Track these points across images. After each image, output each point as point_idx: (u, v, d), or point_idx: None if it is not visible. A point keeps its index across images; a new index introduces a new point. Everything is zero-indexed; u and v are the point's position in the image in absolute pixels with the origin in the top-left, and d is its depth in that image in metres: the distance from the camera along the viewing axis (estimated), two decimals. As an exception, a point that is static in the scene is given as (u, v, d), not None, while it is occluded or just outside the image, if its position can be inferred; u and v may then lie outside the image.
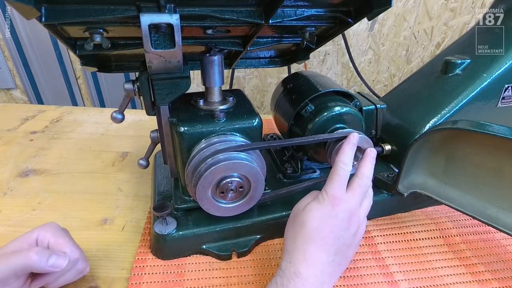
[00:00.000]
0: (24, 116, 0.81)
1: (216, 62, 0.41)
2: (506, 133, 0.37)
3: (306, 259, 0.33)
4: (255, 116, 0.41)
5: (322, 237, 0.34)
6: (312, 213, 0.35)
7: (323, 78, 0.51)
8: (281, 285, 0.31)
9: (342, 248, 0.35)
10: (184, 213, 0.45)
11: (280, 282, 0.32)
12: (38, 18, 0.29)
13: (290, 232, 0.36)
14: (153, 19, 0.31)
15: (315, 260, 0.33)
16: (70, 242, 0.36)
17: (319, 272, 0.33)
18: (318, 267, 0.33)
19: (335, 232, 0.34)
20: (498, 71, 0.48)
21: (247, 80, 1.19)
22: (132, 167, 0.63)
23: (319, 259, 0.33)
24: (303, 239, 0.34)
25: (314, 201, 0.36)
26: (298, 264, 0.33)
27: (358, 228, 0.37)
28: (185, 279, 0.41)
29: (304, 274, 0.32)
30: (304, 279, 0.32)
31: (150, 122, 0.80)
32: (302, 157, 0.51)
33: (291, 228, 0.36)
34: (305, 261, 0.33)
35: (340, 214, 0.35)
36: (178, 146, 0.40)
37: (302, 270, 0.32)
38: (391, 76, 1.24)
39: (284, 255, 0.35)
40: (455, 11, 1.11)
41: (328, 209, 0.35)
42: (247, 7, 0.35)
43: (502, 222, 0.41)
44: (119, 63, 0.47)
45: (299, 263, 0.33)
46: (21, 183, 0.57)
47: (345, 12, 0.40)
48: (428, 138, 0.44)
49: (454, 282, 0.42)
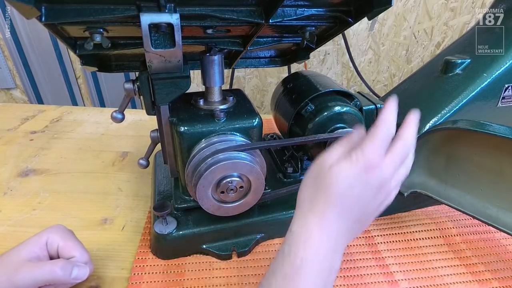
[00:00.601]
0: (24, 116, 0.81)
1: (216, 62, 0.41)
2: (506, 133, 0.37)
3: (322, 225, 0.29)
4: (255, 115, 0.41)
5: (346, 204, 0.29)
6: (341, 175, 0.29)
7: (323, 77, 0.51)
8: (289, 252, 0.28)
9: (363, 218, 0.31)
10: (184, 213, 0.45)
11: (288, 250, 0.28)
12: (38, 17, 0.29)
13: (309, 190, 0.31)
14: (153, 18, 0.31)
15: (332, 227, 0.29)
16: (79, 245, 0.37)
17: (333, 240, 0.29)
18: (333, 235, 0.29)
19: (361, 201, 0.30)
20: (498, 70, 0.48)
21: (247, 80, 1.19)
22: (132, 167, 0.63)
23: (337, 227, 0.29)
24: (324, 203, 0.29)
25: (346, 160, 0.29)
26: (313, 231, 0.29)
27: (386, 197, 0.32)
28: (185, 279, 0.41)
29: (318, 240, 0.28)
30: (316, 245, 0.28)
31: (150, 122, 0.80)
32: (302, 156, 0.51)
33: (312, 185, 0.31)
34: (320, 226, 0.29)
35: (372, 182, 0.29)
36: (178, 145, 0.40)
37: (316, 236, 0.28)
38: (391, 76, 1.24)
39: (298, 214, 0.30)
40: (455, 11, 1.11)
41: (360, 174, 0.29)
42: (247, 7, 0.35)
43: (502, 221, 0.41)
44: (119, 63, 0.47)
45: (314, 228, 0.29)
46: (21, 183, 0.57)
47: (345, 12, 0.40)
48: (428, 138, 0.44)
49: (454, 281, 0.42)
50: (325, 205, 0.29)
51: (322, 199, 0.30)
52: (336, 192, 0.29)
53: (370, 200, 0.30)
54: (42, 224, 0.47)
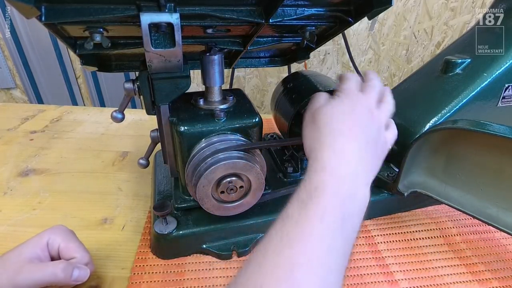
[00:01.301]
0: (24, 116, 0.81)
1: (216, 62, 0.41)
2: (506, 133, 0.37)
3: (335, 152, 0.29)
4: (255, 115, 0.41)
5: (348, 128, 0.30)
6: (333, 108, 0.32)
7: (323, 77, 0.51)
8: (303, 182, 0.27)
9: (370, 141, 0.31)
10: (184, 213, 0.45)
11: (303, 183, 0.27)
12: (38, 17, 0.29)
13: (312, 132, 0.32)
14: (153, 18, 0.31)
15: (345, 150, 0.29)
16: (80, 246, 0.37)
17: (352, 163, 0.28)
18: (350, 158, 0.28)
19: (360, 124, 0.31)
20: (499, 70, 0.48)
21: (247, 80, 1.19)
22: (132, 166, 0.63)
23: (350, 149, 0.29)
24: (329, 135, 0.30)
25: (331, 99, 0.33)
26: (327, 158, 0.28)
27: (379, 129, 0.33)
28: (185, 279, 0.41)
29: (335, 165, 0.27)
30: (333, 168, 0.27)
31: (150, 122, 0.80)
32: (302, 156, 0.51)
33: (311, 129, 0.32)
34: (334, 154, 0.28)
35: (359, 109, 0.32)
36: (178, 145, 0.40)
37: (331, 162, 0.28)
38: (391, 76, 1.24)
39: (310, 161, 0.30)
40: (455, 11, 1.11)
41: (348, 104, 0.32)
42: (247, 6, 0.35)
43: (502, 221, 0.41)
44: (119, 63, 0.47)
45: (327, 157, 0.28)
46: (21, 183, 0.57)
47: (346, 12, 0.40)
48: (428, 138, 0.44)
49: (454, 281, 0.42)
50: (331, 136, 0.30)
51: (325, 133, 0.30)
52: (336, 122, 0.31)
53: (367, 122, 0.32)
54: (42, 224, 0.47)
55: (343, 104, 0.33)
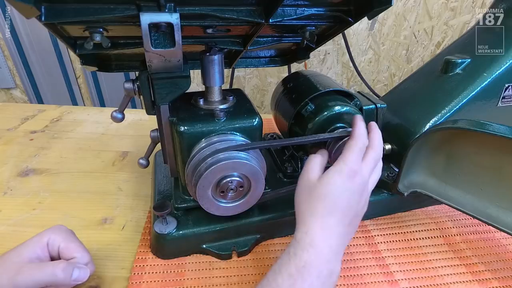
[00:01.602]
0: (24, 116, 0.81)
1: (216, 61, 0.41)
2: (506, 132, 0.37)
3: (323, 230, 0.32)
4: (255, 115, 0.41)
5: (341, 209, 0.33)
6: (332, 183, 0.34)
7: (323, 77, 0.51)
8: (294, 254, 0.31)
9: (354, 219, 0.35)
10: (184, 213, 0.45)
11: (293, 252, 0.31)
12: (38, 17, 0.29)
13: (307, 203, 0.35)
14: (153, 18, 0.31)
15: (332, 231, 0.33)
16: (80, 246, 0.37)
17: (334, 242, 0.32)
18: (333, 238, 0.33)
19: (351, 204, 0.34)
20: (499, 70, 0.48)
21: (247, 80, 1.19)
22: (132, 166, 0.63)
23: (336, 231, 0.33)
24: (323, 211, 0.33)
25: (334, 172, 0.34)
26: (315, 235, 0.32)
27: (366, 201, 0.37)
28: (185, 279, 0.41)
29: (320, 244, 0.32)
30: (319, 249, 0.31)
31: (150, 122, 0.80)
32: (302, 156, 0.51)
33: (308, 198, 0.35)
34: (322, 232, 0.32)
35: (356, 187, 0.35)
36: (178, 145, 0.40)
37: (318, 240, 0.32)
38: (391, 76, 1.24)
39: (299, 225, 0.34)
40: (455, 11, 1.11)
41: (348, 182, 0.34)
42: (247, 6, 0.35)
43: (503, 221, 0.41)
44: (119, 62, 0.47)
45: (316, 234, 0.32)
46: (21, 183, 0.57)
47: (346, 11, 0.40)
48: (428, 138, 0.44)
49: (454, 281, 0.42)
50: (324, 213, 0.33)
51: (320, 208, 0.33)
52: (332, 200, 0.33)
53: (356, 204, 0.35)
54: (42, 224, 0.47)
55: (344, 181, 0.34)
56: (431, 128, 0.42)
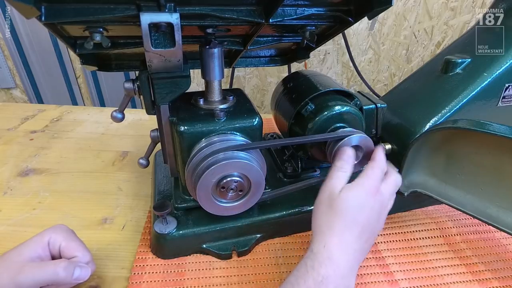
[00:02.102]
0: (24, 116, 0.81)
1: (216, 55, 0.40)
2: (507, 132, 0.37)
3: (341, 245, 0.33)
4: (255, 115, 0.41)
5: (360, 225, 0.34)
6: (352, 198, 0.34)
7: (323, 77, 0.51)
8: (312, 268, 0.31)
9: (371, 236, 0.36)
10: (184, 213, 0.45)
11: (311, 265, 0.31)
12: (38, 17, 0.29)
13: (327, 216, 0.35)
14: (153, 18, 0.31)
15: (349, 247, 0.33)
16: (81, 245, 0.37)
17: (351, 258, 0.33)
18: (350, 254, 0.33)
19: (370, 222, 0.35)
20: (499, 70, 0.48)
21: (247, 80, 1.19)
22: (132, 166, 0.63)
23: (353, 247, 0.33)
24: (342, 226, 0.33)
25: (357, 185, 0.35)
26: (333, 249, 0.32)
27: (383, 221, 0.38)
28: (185, 278, 0.41)
29: (338, 259, 0.32)
30: (336, 264, 0.31)
31: (150, 122, 0.80)
32: (302, 156, 0.51)
33: (327, 211, 0.35)
34: (340, 247, 0.33)
35: (377, 205, 0.35)
36: (178, 145, 0.40)
37: (337, 256, 0.32)
38: (391, 76, 1.24)
39: (317, 237, 0.34)
40: (456, 11, 1.11)
41: (367, 197, 0.35)
42: (247, 6, 0.35)
43: (503, 221, 0.41)
44: (119, 62, 0.47)
45: (334, 248, 0.32)
46: (21, 183, 0.57)
47: (346, 11, 0.40)
48: (428, 138, 0.44)
49: (454, 281, 0.42)
50: (343, 228, 0.33)
51: (340, 222, 0.34)
52: (352, 216, 0.34)
53: (375, 222, 0.35)
54: (42, 224, 0.47)
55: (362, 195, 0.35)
56: (431, 128, 0.42)
